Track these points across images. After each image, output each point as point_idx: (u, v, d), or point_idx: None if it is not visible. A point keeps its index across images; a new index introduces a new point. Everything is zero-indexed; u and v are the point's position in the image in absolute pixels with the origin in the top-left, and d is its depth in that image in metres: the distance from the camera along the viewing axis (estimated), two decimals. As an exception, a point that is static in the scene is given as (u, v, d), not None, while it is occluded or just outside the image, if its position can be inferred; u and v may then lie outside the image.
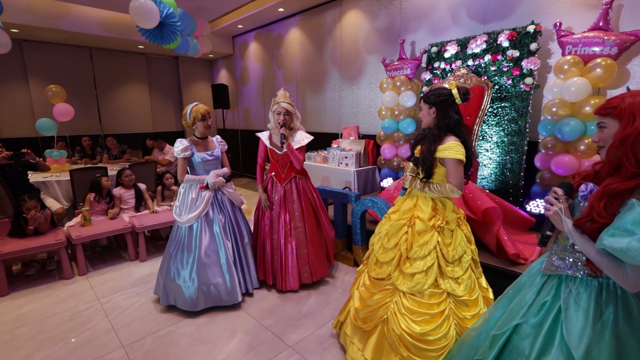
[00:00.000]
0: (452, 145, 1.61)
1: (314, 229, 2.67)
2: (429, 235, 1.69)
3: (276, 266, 2.62)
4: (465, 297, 1.68)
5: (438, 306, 1.66)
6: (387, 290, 1.77)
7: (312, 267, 2.63)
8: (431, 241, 1.68)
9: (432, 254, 1.67)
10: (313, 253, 2.63)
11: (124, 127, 7.31)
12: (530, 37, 2.99)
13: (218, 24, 6.38)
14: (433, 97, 1.70)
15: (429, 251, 1.67)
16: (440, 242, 1.69)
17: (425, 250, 1.68)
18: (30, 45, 6.07)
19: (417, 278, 1.67)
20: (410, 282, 1.68)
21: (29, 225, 2.89)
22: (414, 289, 1.67)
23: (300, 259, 2.61)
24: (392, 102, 3.95)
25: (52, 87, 4.36)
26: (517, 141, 3.18)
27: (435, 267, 1.67)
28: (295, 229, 2.60)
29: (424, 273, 1.66)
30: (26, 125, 6.14)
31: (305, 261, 2.62)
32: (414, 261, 1.69)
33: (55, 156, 4.31)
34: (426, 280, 1.66)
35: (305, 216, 2.62)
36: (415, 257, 1.68)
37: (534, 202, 3.02)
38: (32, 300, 2.60)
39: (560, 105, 2.81)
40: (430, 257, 1.67)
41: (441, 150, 1.63)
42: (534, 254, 2.43)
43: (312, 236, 2.64)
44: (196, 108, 2.37)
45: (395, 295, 1.74)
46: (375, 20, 4.50)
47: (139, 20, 3.36)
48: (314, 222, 2.69)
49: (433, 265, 1.66)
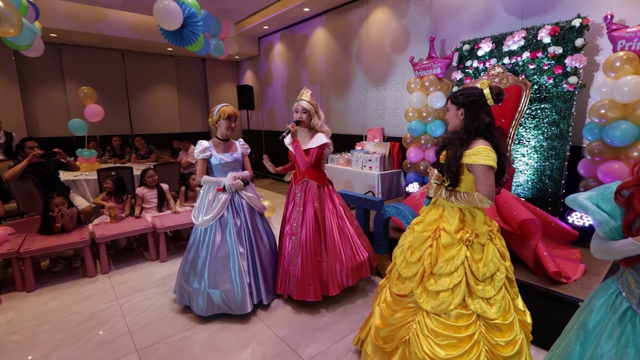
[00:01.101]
0: (480, 149, 1.46)
1: (311, 243, 2.34)
2: (455, 250, 1.54)
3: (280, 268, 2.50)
4: (498, 320, 1.50)
5: (466, 329, 1.50)
6: (410, 309, 1.63)
7: (297, 284, 2.34)
8: (458, 256, 1.53)
9: (459, 270, 1.52)
10: (301, 268, 2.32)
11: (152, 127, 7.52)
12: (575, 32, 2.72)
13: (244, 25, 6.41)
14: (462, 97, 1.56)
15: (455, 267, 1.52)
16: (469, 257, 1.53)
17: (451, 266, 1.52)
18: (68, 49, 6.36)
19: (442, 297, 1.52)
20: (434, 300, 1.53)
21: (57, 223, 2.97)
22: (439, 309, 1.52)
23: (292, 268, 2.37)
24: (419, 103, 3.76)
25: (84, 89, 4.51)
26: (558, 146, 2.91)
27: (463, 286, 1.51)
28: (294, 234, 2.40)
29: (450, 291, 1.51)
30: (62, 125, 6.41)
31: (294, 273, 2.36)
32: (438, 278, 1.54)
33: (86, 155, 4.45)
34: (452, 299, 1.51)
35: (304, 224, 2.36)
36: (441, 273, 1.53)
37: (576, 213, 2.75)
38: (55, 297, 2.65)
39: (610, 106, 2.53)
40: (458, 273, 1.52)
41: (468, 156, 1.48)
42: (578, 272, 2.18)
43: (305, 249, 2.32)
44: (225, 108, 2.35)
45: (418, 315, 1.59)
46: (404, 17, 4.32)
47: (162, 21, 3.38)
48: (315, 235, 2.36)
49: (460, 283, 1.51)
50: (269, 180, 7.49)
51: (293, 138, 2.37)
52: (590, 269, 2.25)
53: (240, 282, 2.27)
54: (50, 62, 6.24)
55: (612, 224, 1.05)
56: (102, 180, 3.80)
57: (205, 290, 2.25)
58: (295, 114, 2.40)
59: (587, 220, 2.66)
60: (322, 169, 2.54)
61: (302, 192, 2.44)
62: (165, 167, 4.27)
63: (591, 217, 1.10)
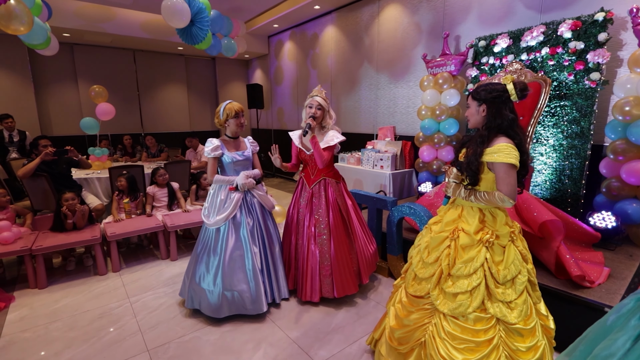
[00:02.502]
0: (502, 147, 1.40)
1: (342, 239, 2.39)
2: (475, 251, 1.48)
3: (299, 272, 2.44)
4: (519, 325, 1.44)
5: (485, 333, 1.44)
6: (426, 310, 1.58)
7: (335, 282, 2.35)
8: (478, 258, 1.47)
9: (478, 272, 1.46)
10: (337, 266, 2.34)
11: (163, 126, 7.56)
12: (598, 27, 2.62)
13: (254, 24, 6.39)
14: (484, 93, 1.49)
15: (474, 269, 1.46)
16: (488, 259, 1.47)
17: (470, 267, 1.47)
18: (80, 49, 6.43)
19: (460, 299, 1.47)
20: (452, 303, 1.48)
21: (68, 219, 2.98)
22: (456, 312, 1.47)
23: (322, 269, 2.36)
24: (433, 101, 3.69)
25: (95, 87, 4.54)
26: (579, 145, 2.81)
27: (482, 288, 1.46)
28: (320, 236, 2.37)
29: (468, 294, 1.46)
30: (75, 124, 6.47)
31: (328, 273, 2.36)
32: (456, 279, 1.50)
33: (98, 154, 4.47)
34: (471, 302, 1.45)
35: (332, 224, 2.37)
36: (459, 274, 1.48)
37: (598, 215, 2.64)
38: (67, 295, 2.65)
39: (635, 103, 2.44)
40: (477, 275, 1.46)
41: (489, 154, 1.42)
42: (602, 276, 2.09)
43: (338, 247, 2.36)
44: (230, 105, 2.29)
45: (434, 317, 1.55)
46: (416, 14, 4.24)
47: (170, 19, 3.37)
48: (343, 232, 2.41)
49: (479, 285, 1.46)
50: (278, 179, 7.47)
51: (312, 134, 2.30)
52: (614, 273, 2.16)
53: (255, 282, 2.24)
54: (64, 61, 6.31)
55: None
56: (113, 178, 3.81)
57: (220, 291, 2.21)
58: (309, 109, 2.34)
59: (609, 222, 2.56)
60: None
61: (320, 190, 2.40)
62: (175, 165, 4.27)
63: None
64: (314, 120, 2.31)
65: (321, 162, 2.30)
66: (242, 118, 2.35)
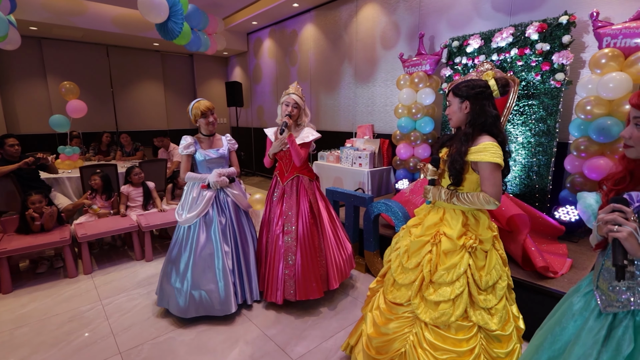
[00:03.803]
0: (488, 146, 1.35)
1: (310, 241, 2.29)
2: (457, 257, 1.43)
3: (267, 271, 2.35)
4: (498, 331, 1.41)
5: (467, 343, 1.40)
6: (406, 319, 1.50)
7: (297, 283, 2.24)
8: (461, 264, 1.42)
9: (461, 279, 1.41)
10: (302, 265, 2.24)
11: (138, 124, 7.35)
12: (562, 29, 2.74)
13: (232, 20, 6.31)
14: (466, 89, 1.43)
15: (457, 276, 1.41)
16: (471, 265, 1.42)
17: (453, 274, 1.42)
18: (49, 43, 6.15)
19: (443, 308, 1.41)
20: (434, 312, 1.42)
21: (35, 222, 2.86)
22: (439, 321, 1.41)
23: (285, 268, 2.27)
24: (409, 99, 3.76)
25: (66, 84, 4.37)
26: (545, 142, 2.94)
27: (465, 296, 1.41)
28: (287, 233, 2.28)
29: (451, 302, 1.41)
30: (44, 122, 6.20)
31: (291, 274, 2.25)
32: (438, 287, 1.44)
33: (68, 153, 4.31)
34: (454, 311, 1.40)
35: (300, 219, 2.29)
36: (441, 282, 1.42)
37: (563, 209, 2.78)
38: (35, 299, 2.55)
39: (596, 103, 2.56)
40: (460, 283, 1.41)
41: (474, 153, 1.37)
42: (565, 267, 2.20)
43: (304, 249, 2.26)
44: (197, 104, 2.25)
45: (415, 326, 1.48)
46: (393, 14, 4.31)
47: (147, 14, 3.28)
48: (313, 233, 2.32)
49: (462, 293, 1.40)
50: (259, 177, 7.42)
51: (289, 132, 2.27)
52: (576, 264, 2.28)
53: (225, 281, 2.21)
54: (31, 56, 6.03)
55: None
56: (85, 178, 3.69)
57: (187, 290, 2.18)
58: (286, 107, 2.31)
59: (573, 216, 2.70)
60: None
61: (292, 187, 2.36)
62: (151, 164, 4.17)
63: (583, 206, 1.10)
64: (290, 118, 2.30)
65: (299, 160, 2.28)
66: (211, 116, 2.30)
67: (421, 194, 2.87)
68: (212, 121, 2.30)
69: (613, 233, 0.82)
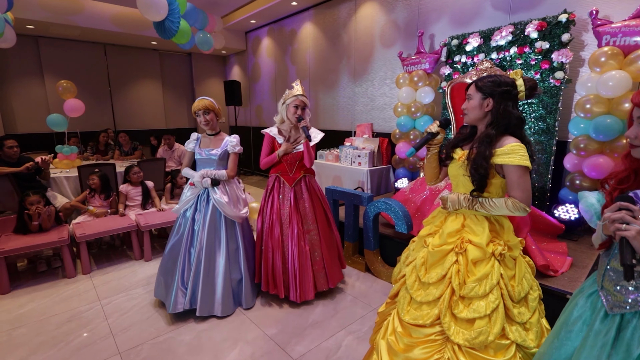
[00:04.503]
0: (515, 147, 1.23)
1: (327, 230, 2.49)
2: (488, 266, 1.27)
3: (289, 276, 2.33)
4: (535, 348, 1.25)
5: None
6: (434, 342, 1.31)
7: (328, 273, 2.43)
8: (492, 274, 1.26)
9: (495, 291, 1.25)
10: (328, 256, 2.43)
11: (136, 123, 7.33)
12: (561, 28, 2.74)
13: (231, 19, 6.28)
14: (492, 85, 1.31)
15: (491, 287, 1.25)
16: (503, 274, 1.28)
17: (486, 286, 1.25)
18: (46, 42, 6.12)
19: (479, 325, 1.23)
20: (468, 331, 1.25)
21: (33, 221, 2.84)
22: (476, 342, 1.22)
23: (315, 264, 2.40)
24: (408, 98, 3.75)
25: (63, 83, 4.34)
26: (545, 141, 2.94)
27: (501, 310, 1.24)
28: (308, 232, 2.39)
29: (487, 318, 1.23)
30: (41, 121, 6.16)
31: (321, 266, 2.42)
32: (470, 302, 1.27)
33: (66, 152, 4.29)
34: (491, 328, 1.22)
35: (318, 217, 2.43)
36: (472, 295, 1.25)
37: (563, 207, 2.78)
38: (33, 299, 2.54)
39: (595, 101, 2.57)
40: (494, 295, 1.25)
41: (501, 155, 1.24)
42: (565, 265, 2.21)
43: (325, 238, 2.45)
44: (195, 104, 2.28)
45: (446, 350, 1.28)
46: (392, 12, 4.30)
47: (146, 12, 3.27)
48: (325, 222, 2.50)
49: (498, 307, 1.24)
50: (257, 177, 7.40)
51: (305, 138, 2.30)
52: (576, 262, 2.28)
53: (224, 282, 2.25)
54: (28, 55, 5.99)
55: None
56: (83, 177, 3.67)
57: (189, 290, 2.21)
58: (295, 109, 2.28)
59: (573, 214, 2.70)
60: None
61: (303, 187, 2.42)
62: (150, 163, 4.15)
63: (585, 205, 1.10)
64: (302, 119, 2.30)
65: (310, 162, 2.38)
66: (207, 115, 2.28)
67: (421, 193, 2.87)
68: (206, 119, 2.29)
69: (621, 232, 0.80)
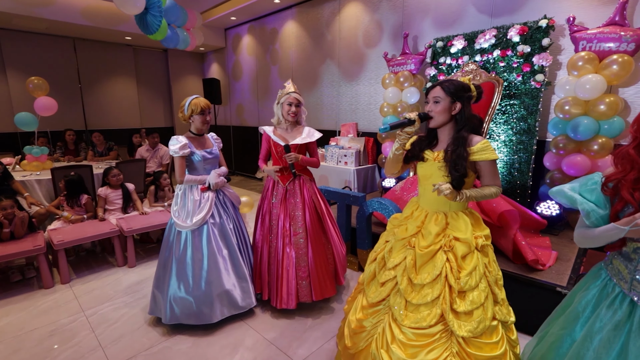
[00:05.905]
0: (486, 144, 1.37)
1: (319, 238, 2.32)
2: (475, 258, 1.36)
3: (272, 278, 2.27)
4: (511, 318, 1.42)
5: (500, 345, 1.32)
6: (440, 341, 1.33)
7: (313, 284, 2.24)
8: (478, 265, 1.36)
9: (483, 280, 1.36)
10: (315, 266, 2.24)
11: (110, 122, 6.99)
12: (542, 32, 2.87)
13: (210, 15, 6.11)
14: (461, 90, 1.40)
15: (480, 277, 1.34)
16: (486, 263, 1.40)
17: (476, 277, 1.34)
18: (8, 35, 5.70)
19: (478, 315, 1.30)
20: (468, 322, 1.30)
21: (4, 228, 2.64)
22: (478, 330, 1.29)
23: (299, 271, 2.23)
24: (394, 98, 3.80)
25: (34, 79, 4.06)
26: (526, 140, 3.07)
27: (490, 296, 1.36)
28: (296, 235, 2.25)
29: (481, 307, 1.32)
30: (4, 120, 5.78)
31: (305, 275, 2.23)
32: (465, 294, 1.33)
33: (36, 153, 4.02)
34: (486, 314, 1.32)
35: (308, 221, 2.28)
36: (467, 288, 1.32)
37: (544, 204, 2.92)
38: (8, 313, 2.36)
39: (573, 103, 2.71)
40: (483, 284, 1.35)
41: (476, 153, 1.37)
42: (551, 259, 2.32)
43: (315, 246, 2.27)
44: (196, 101, 2.16)
45: (453, 345, 1.32)
46: (377, 12, 4.33)
47: (122, 5, 3.10)
48: (319, 230, 2.34)
49: (488, 293, 1.35)
50: (239, 177, 7.27)
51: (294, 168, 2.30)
52: (561, 256, 2.40)
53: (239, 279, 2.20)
54: (-13, 49, 5.56)
55: (600, 212, 1.09)
56: (57, 180, 3.45)
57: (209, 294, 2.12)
58: (289, 107, 2.25)
59: (554, 210, 2.84)
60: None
61: (296, 188, 2.33)
62: (129, 165, 3.97)
63: (579, 207, 1.13)
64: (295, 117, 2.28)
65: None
66: (209, 115, 2.23)
67: (412, 192, 2.92)
68: (209, 119, 2.24)
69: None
